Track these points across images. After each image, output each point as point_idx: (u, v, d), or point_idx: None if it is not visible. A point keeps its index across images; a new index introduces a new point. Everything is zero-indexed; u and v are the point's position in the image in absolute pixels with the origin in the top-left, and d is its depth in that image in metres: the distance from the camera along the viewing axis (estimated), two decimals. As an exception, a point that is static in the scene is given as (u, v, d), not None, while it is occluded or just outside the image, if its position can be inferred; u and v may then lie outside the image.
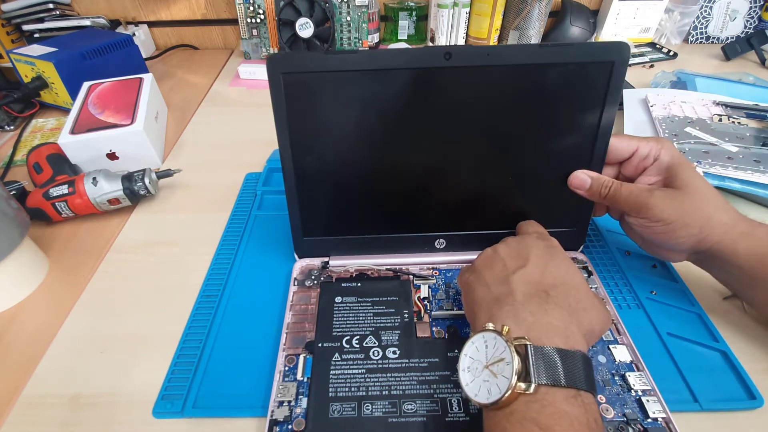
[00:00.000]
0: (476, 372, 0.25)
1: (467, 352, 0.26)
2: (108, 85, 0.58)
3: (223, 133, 0.62)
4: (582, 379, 0.23)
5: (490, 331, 0.25)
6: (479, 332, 0.26)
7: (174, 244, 0.44)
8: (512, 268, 0.29)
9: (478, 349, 0.26)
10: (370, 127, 0.34)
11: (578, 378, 0.23)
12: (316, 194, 0.36)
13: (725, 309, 0.36)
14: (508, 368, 0.23)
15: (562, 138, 0.35)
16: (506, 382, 0.23)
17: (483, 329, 0.26)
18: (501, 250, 0.32)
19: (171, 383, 0.31)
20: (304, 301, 0.36)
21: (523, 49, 0.32)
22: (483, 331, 0.26)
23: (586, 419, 0.22)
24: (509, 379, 0.23)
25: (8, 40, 0.76)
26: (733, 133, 0.50)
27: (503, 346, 0.24)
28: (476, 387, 0.24)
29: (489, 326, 0.26)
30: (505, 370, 0.23)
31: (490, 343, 0.25)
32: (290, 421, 0.28)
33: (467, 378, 0.25)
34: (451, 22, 0.79)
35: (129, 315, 0.37)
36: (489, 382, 0.24)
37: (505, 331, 0.25)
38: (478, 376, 0.25)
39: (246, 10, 0.74)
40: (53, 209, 0.44)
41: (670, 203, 0.32)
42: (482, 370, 0.24)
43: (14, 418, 0.31)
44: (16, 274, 0.38)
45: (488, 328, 0.26)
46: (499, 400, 0.23)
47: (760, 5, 0.81)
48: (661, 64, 0.79)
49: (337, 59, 0.31)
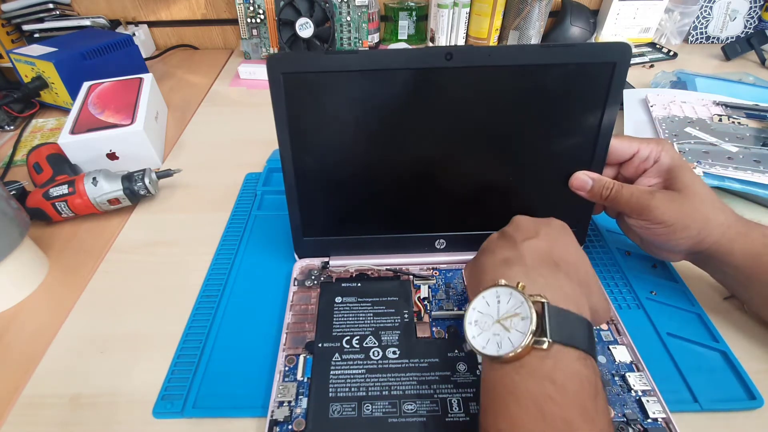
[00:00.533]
0: (485, 326, 0.25)
1: (476, 306, 0.26)
2: (108, 85, 0.58)
3: (223, 133, 0.62)
4: (591, 344, 0.24)
5: (504, 286, 0.25)
6: (491, 287, 0.26)
7: (174, 244, 0.44)
8: (521, 238, 0.29)
9: (488, 304, 0.25)
10: (371, 127, 0.34)
11: (588, 342, 0.24)
12: (316, 194, 0.36)
13: (725, 309, 0.36)
14: (524, 323, 0.23)
15: (563, 138, 0.35)
16: (521, 336, 0.23)
17: (496, 284, 0.26)
18: (509, 228, 0.31)
19: (171, 383, 0.31)
20: (304, 301, 0.36)
21: (525, 50, 0.32)
22: (496, 286, 0.25)
23: (595, 381, 0.23)
24: (525, 334, 0.23)
25: (8, 40, 0.76)
26: (733, 133, 0.50)
27: (519, 300, 0.24)
28: (484, 340, 0.24)
29: (502, 282, 0.25)
30: (519, 324, 0.23)
31: (504, 298, 0.25)
32: (290, 421, 0.28)
33: (474, 331, 0.25)
34: (451, 22, 0.79)
35: (129, 315, 0.37)
36: (499, 336, 0.24)
37: (521, 287, 0.25)
38: (486, 330, 0.24)
39: (246, 10, 0.74)
40: (53, 209, 0.44)
41: (670, 205, 0.32)
42: (492, 324, 0.24)
43: (14, 418, 0.31)
44: (16, 274, 0.38)
45: (501, 283, 0.25)
46: (511, 353, 0.23)
47: (760, 5, 0.81)
48: (661, 64, 0.79)
49: (337, 59, 0.31)
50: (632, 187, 0.34)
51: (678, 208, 0.32)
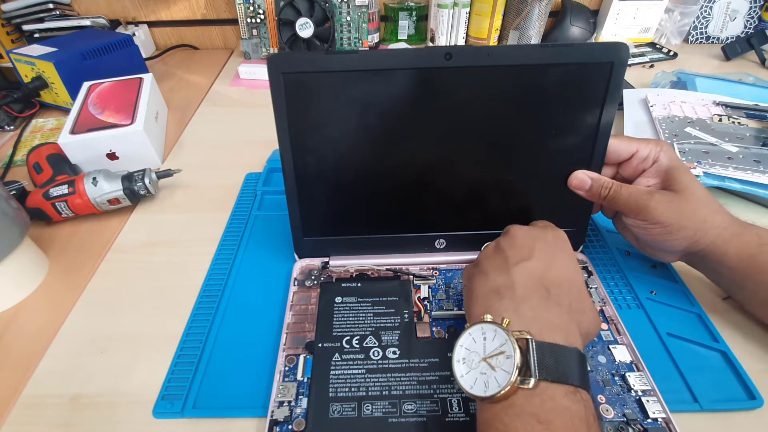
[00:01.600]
0: (472, 364, 0.24)
1: (463, 343, 0.26)
2: (108, 85, 0.58)
3: (223, 133, 0.62)
4: (580, 376, 0.23)
5: (489, 323, 0.25)
6: (477, 323, 0.26)
7: (174, 244, 0.44)
8: (514, 260, 0.29)
9: (475, 341, 0.25)
10: (371, 127, 0.34)
11: (577, 375, 0.23)
12: (317, 194, 0.36)
13: (725, 309, 0.36)
14: (509, 362, 0.23)
15: (562, 138, 0.35)
16: (506, 376, 0.23)
17: (481, 320, 0.25)
18: (503, 242, 0.31)
19: (171, 383, 0.31)
20: (304, 301, 0.36)
21: (523, 50, 0.32)
22: (481, 323, 0.25)
23: (585, 415, 0.22)
24: (509, 374, 0.23)
25: (8, 40, 0.76)
26: (733, 133, 0.50)
27: (504, 338, 0.24)
28: (472, 379, 0.24)
29: (488, 318, 0.25)
30: (505, 363, 0.23)
31: (489, 335, 0.25)
32: (290, 421, 0.28)
33: (462, 369, 0.25)
34: (451, 22, 0.79)
35: (129, 315, 0.37)
36: (486, 375, 0.24)
37: (506, 323, 0.25)
38: (474, 368, 0.24)
39: (246, 10, 0.74)
40: (53, 209, 0.44)
41: (669, 206, 0.32)
42: (479, 362, 0.24)
43: (14, 418, 0.31)
44: (16, 274, 0.38)
45: (487, 319, 0.25)
46: (497, 394, 0.23)
47: (760, 5, 0.81)
48: (661, 64, 0.79)
49: (337, 59, 0.31)
50: (631, 187, 0.34)
51: (676, 209, 0.32)
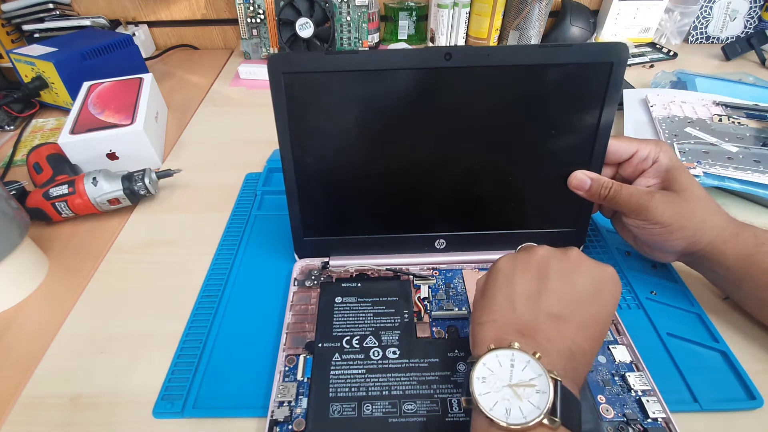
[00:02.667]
0: (494, 386, 0.24)
1: (487, 362, 0.24)
2: (108, 85, 0.58)
3: (223, 133, 0.62)
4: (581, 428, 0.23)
5: (520, 351, 0.24)
6: (506, 348, 0.24)
7: (174, 244, 0.44)
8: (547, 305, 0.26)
9: (500, 365, 0.24)
10: (371, 127, 0.34)
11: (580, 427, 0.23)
12: (317, 194, 0.36)
13: (725, 309, 0.36)
14: (539, 397, 0.22)
15: (562, 138, 0.35)
16: (534, 410, 0.22)
17: (510, 346, 0.24)
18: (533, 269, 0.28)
19: (171, 383, 0.31)
20: (304, 301, 0.36)
21: (523, 50, 0.32)
22: (511, 349, 0.24)
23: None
24: (539, 408, 0.22)
25: (8, 40, 0.76)
26: (733, 133, 0.50)
27: (537, 372, 0.23)
28: (492, 401, 0.23)
29: (516, 345, 0.24)
30: (534, 397, 0.23)
31: (519, 365, 0.24)
32: (290, 421, 0.28)
33: (482, 388, 0.24)
34: (451, 22, 0.79)
35: (129, 315, 0.37)
36: (509, 402, 0.23)
37: (538, 357, 0.24)
38: (495, 391, 0.23)
39: (246, 10, 0.74)
40: (53, 209, 0.44)
41: (669, 206, 0.33)
42: (502, 387, 0.23)
43: (14, 418, 0.31)
44: (16, 274, 0.38)
45: (516, 347, 0.24)
46: (520, 425, 0.22)
47: (760, 5, 0.81)
48: (661, 64, 0.79)
49: (337, 59, 0.31)
50: (631, 188, 0.34)
51: (676, 209, 0.32)
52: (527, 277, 0.28)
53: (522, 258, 0.29)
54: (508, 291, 0.27)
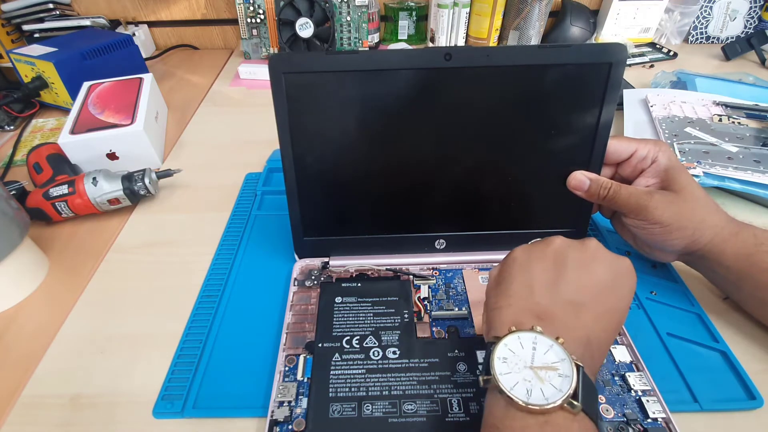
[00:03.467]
0: (514, 367, 0.24)
1: (508, 343, 0.24)
2: (108, 85, 0.58)
3: (223, 133, 0.62)
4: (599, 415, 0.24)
5: (543, 335, 0.24)
6: (528, 331, 0.24)
7: (174, 244, 0.44)
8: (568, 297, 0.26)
9: (522, 346, 0.24)
10: (371, 127, 0.34)
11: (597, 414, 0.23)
12: (317, 194, 0.36)
13: (725, 309, 0.36)
14: (561, 380, 0.22)
15: (561, 138, 0.35)
16: (556, 392, 0.22)
17: (532, 329, 0.24)
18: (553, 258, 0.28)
19: (171, 383, 0.31)
20: (304, 301, 0.36)
21: (522, 50, 0.32)
22: (533, 332, 0.24)
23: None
24: (561, 391, 0.22)
25: (8, 40, 0.76)
26: (733, 133, 0.50)
27: (560, 356, 0.23)
28: (512, 381, 0.23)
29: (538, 329, 0.24)
30: (556, 380, 0.23)
31: (541, 348, 0.24)
32: (290, 421, 0.28)
33: (503, 368, 0.24)
34: (451, 22, 0.79)
35: (129, 315, 0.37)
36: (530, 383, 0.23)
37: (561, 342, 0.24)
38: (515, 372, 0.23)
39: (246, 10, 0.74)
40: (53, 209, 0.44)
41: (669, 206, 0.33)
42: (523, 369, 0.23)
43: (14, 418, 0.31)
44: (16, 274, 0.38)
45: (538, 330, 0.24)
46: (540, 406, 0.22)
47: (760, 5, 0.81)
48: (661, 64, 0.79)
49: (338, 59, 0.31)
50: (631, 188, 0.34)
51: (675, 209, 0.33)
52: (544, 265, 0.28)
53: (538, 248, 0.29)
54: (525, 278, 0.27)
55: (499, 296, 0.28)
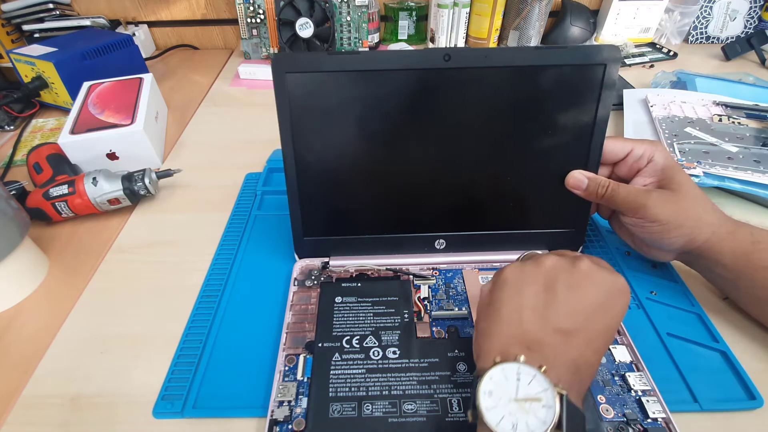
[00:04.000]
0: (499, 401, 0.23)
1: (493, 376, 0.24)
2: (108, 85, 0.58)
3: (223, 133, 0.62)
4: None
5: (526, 365, 0.24)
6: (512, 362, 0.24)
7: (174, 244, 0.44)
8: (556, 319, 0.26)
9: (506, 378, 0.24)
10: (372, 127, 0.34)
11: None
12: (317, 194, 0.37)
13: (725, 309, 0.36)
14: (545, 411, 0.22)
15: (559, 138, 0.35)
16: (540, 425, 0.22)
17: (516, 360, 0.24)
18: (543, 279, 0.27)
19: (171, 383, 0.31)
20: (304, 301, 0.36)
21: (520, 52, 0.33)
22: (517, 363, 0.24)
23: None
24: (545, 423, 0.22)
25: (8, 40, 0.76)
26: (733, 133, 0.50)
27: (543, 386, 0.23)
28: (498, 415, 0.23)
29: (522, 359, 0.24)
30: (539, 411, 0.22)
31: (524, 378, 0.24)
32: (290, 421, 0.28)
33: (489, 402, 0.23)
34: (451, 22, 0.79)
35: (129, 315, 0.37)
36: (515, 416, 0.23)
37: (544, 371, 0.24)
38: (500, 406, 0.23)
39: (246, 10, 0.74)
40: (53, 209, 0.44)
41: (666, 205, 0.33)
42: (508, 402, 0.23)
43: (14, 418, 0.31)
44: (16, 274, 0.38)
45: (522, 360, 0.24)
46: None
47: (760, 5, 0.81)
48: (661, 64, 0.79)
49: (340, 59, 0.32)
50: (629, 186, 0.35)
51: (673, 207, 0.33)
52: (535, 289, 0.27)
53: (530, 268, 0.28)
54: (515, 303, 0.27)
55: (488, 321, 0.27)
